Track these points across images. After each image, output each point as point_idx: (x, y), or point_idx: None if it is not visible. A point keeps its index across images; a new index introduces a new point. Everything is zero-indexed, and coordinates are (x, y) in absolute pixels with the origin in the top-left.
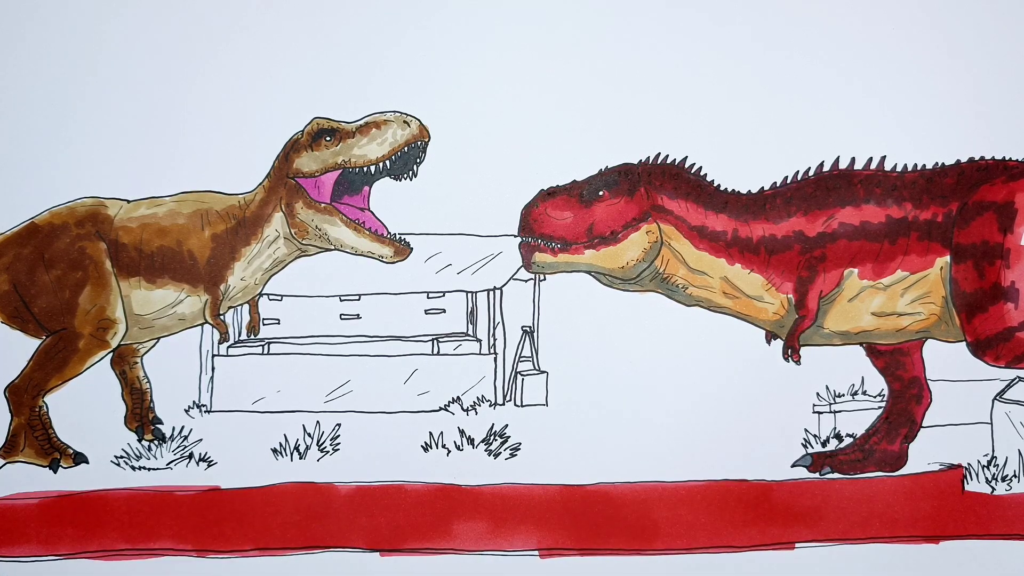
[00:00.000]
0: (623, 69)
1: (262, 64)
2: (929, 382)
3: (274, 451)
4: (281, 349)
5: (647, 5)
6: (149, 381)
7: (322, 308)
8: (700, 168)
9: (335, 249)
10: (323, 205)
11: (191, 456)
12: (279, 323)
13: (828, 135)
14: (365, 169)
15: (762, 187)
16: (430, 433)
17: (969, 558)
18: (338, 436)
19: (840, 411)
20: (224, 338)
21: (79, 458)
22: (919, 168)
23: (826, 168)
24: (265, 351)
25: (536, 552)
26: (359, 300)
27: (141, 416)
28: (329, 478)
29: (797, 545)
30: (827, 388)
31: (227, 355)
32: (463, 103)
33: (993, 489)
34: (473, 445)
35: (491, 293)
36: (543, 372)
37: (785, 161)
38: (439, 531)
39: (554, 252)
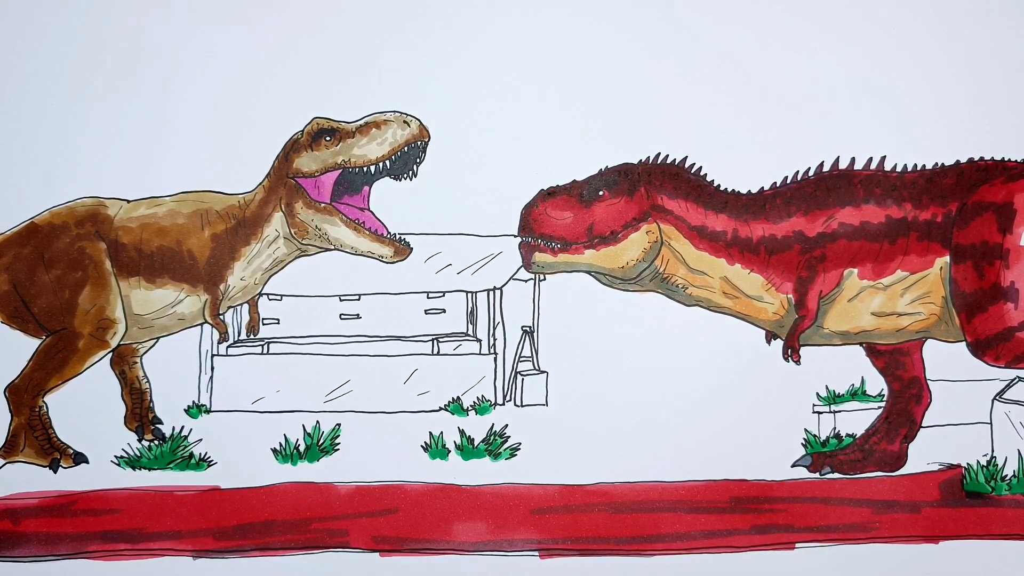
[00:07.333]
0: (623, 69)
1: (262, 64)
2: (929, 382)
3: (274, 451)
4: (281, 349)
5: (647, 5)
6: (149, 381)
7: (322, 308)
8: (700, 168)
9: (335, 249)
10: (323, 205)
11: (191, 456)
12: (279, 323)
13: (828, 135)
14: (365, 169)
15: (762, 187)
16: (430, 433)
17: (969, 558)
18: (338, 436)
19: (840, 411)
20: (224, 338)
21: (79, 458)
22: (919, 168)
23: (826, 168)
24: (265, 351)
25: (536, 552)
26: (359, 300)
27: (141, 416)
28: (329, 478)
29: (797, 545)
30: (827, 388)
31: (227, 355)
32: (463, 103)
33: (993, 489)
34: (473, 445)
35: (491, 293)
36: (543, 372)
37: (785, 161)
38: (439, 531)
39: (554, 252)
